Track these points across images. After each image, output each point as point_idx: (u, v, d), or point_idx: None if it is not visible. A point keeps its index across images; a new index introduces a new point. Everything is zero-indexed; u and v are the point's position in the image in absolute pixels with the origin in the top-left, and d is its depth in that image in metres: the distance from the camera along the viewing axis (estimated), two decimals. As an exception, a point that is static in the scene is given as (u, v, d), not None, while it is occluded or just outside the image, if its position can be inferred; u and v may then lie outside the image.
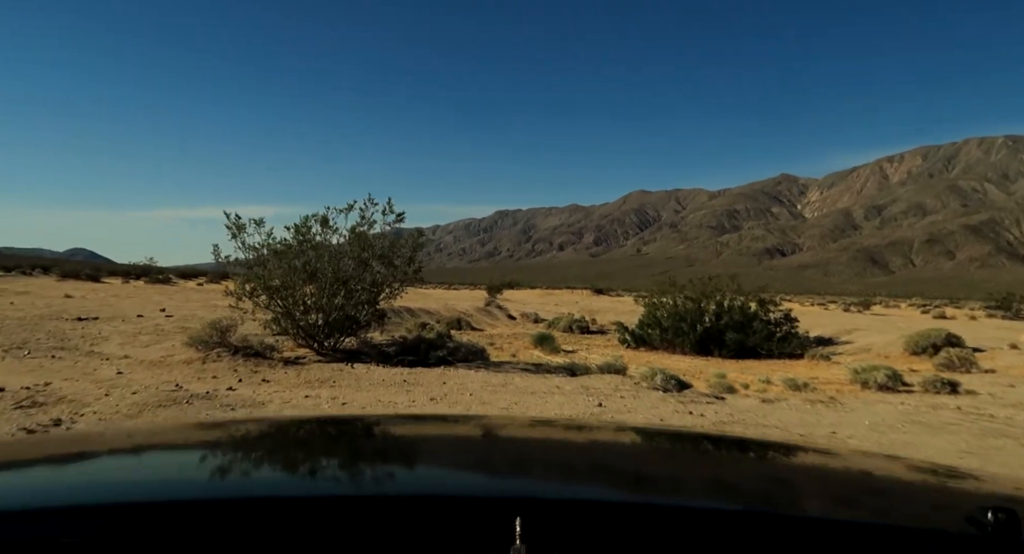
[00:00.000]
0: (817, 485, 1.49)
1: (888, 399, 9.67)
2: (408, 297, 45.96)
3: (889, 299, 79.10)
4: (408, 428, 2.01)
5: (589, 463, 1.61)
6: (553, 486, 1.35)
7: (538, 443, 1.80)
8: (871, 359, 17.01)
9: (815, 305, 46.10)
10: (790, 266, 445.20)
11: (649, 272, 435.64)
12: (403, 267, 9.73)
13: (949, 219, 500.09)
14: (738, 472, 1.61)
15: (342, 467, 1.46)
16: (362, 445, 1.72)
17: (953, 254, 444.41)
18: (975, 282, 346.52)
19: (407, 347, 9.92)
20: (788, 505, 1.30)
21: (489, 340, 20.26)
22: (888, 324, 27.53)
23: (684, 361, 16.64)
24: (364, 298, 9.48)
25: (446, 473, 1.43)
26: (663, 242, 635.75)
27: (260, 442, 1.71)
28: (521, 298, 48.87)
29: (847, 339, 20.26)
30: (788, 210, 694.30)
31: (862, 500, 1.36)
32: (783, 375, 13.73)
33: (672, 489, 1.39)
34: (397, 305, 27.13)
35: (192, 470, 1.36)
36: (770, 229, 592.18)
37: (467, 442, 1.79)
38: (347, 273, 9.12)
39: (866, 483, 1.53)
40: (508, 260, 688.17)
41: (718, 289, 19.37)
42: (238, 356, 7.70)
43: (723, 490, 1.40)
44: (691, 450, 1.86)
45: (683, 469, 1.61)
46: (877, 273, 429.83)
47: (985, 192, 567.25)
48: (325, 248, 9.08)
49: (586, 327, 24.87)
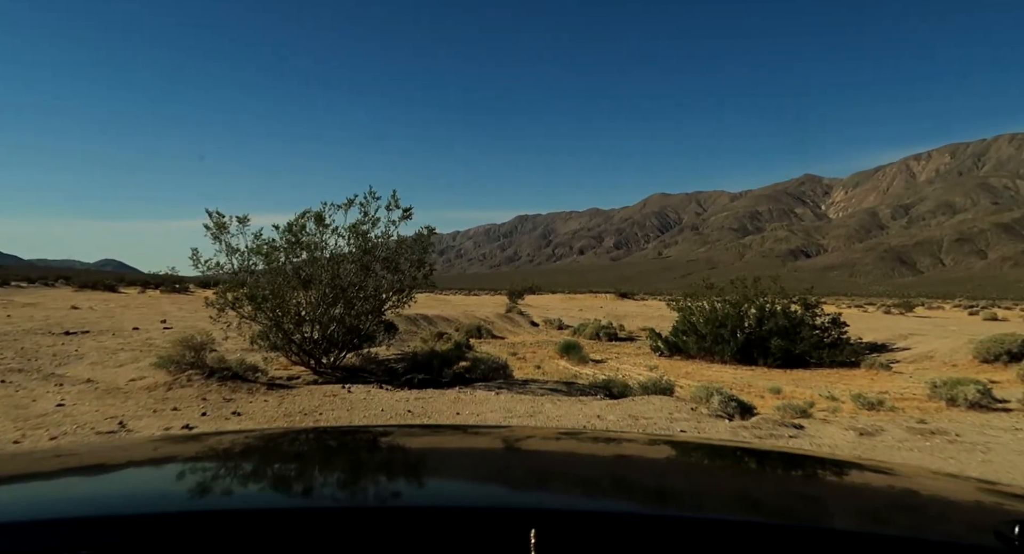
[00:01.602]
0: (845, 499, 1.45)
1: (992, 422, 8.08)
2: (426, 304, 45.01)
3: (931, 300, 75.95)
4: (423, 439, 2.00)
5: (605, 474, 1.58)
6: (568, 497, 1.34)
7: (553, 454, 1.78)
8: (936, 368, 15.28)
9: (851, 307, 43.91)
10: (815, 268, 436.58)
11: (670, 275, 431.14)
12: (411, 271, 8.41)
13: (980, 217, 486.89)
14: (763, 484, 1.57)
15: (358, 478, 1.45)
16: (377, 456, 1.71)
17: (984, 253, 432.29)
18: (1008, 282, 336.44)
19: (418, 363, 8.58)
20: (813, 518, 1.27)
21: (511, 349, 18.91)
22: (940, 327, 25.55)
23: (727, 372, 15.08)
24: (367, 307, 8.19)
25: (461, 484, 1.42)
26: (684, 245, 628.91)
27: (272, 453, 1.70)
28: (543, 303, 47.43)
29: (903, 345, 18.48)
30: (812, 211, 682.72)
31: (889, 514, 1.32)
32: (845, 388, 12.13)
33: (691, 501, 1.36)
34: (413, 312, 25.98)
35: (211, 481, 1.35)
36: (794, 230, 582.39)
37: (482, 453, 1.75)
38: (347, 279, 7.83)
39: (894, 497, 1.48)
40: (528, 265, 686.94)
41: (761, 292, 17.75)
42: (213, 379, 6.43)
43: (747, 503, 1.37)
44: (712, 461, 1.82)
45: (703, 481, 1.57)
46: (905, 273, 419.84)
47: (1017, 189, 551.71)
48: (321, 250, 7.80)
49: (614, 334, 23.41)
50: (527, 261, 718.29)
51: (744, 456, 1.99)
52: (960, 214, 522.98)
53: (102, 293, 39.22)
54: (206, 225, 7.46)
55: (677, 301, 20.05)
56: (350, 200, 7.90)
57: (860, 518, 1.27)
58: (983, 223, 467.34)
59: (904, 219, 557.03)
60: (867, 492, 1.51)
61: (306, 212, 7.69)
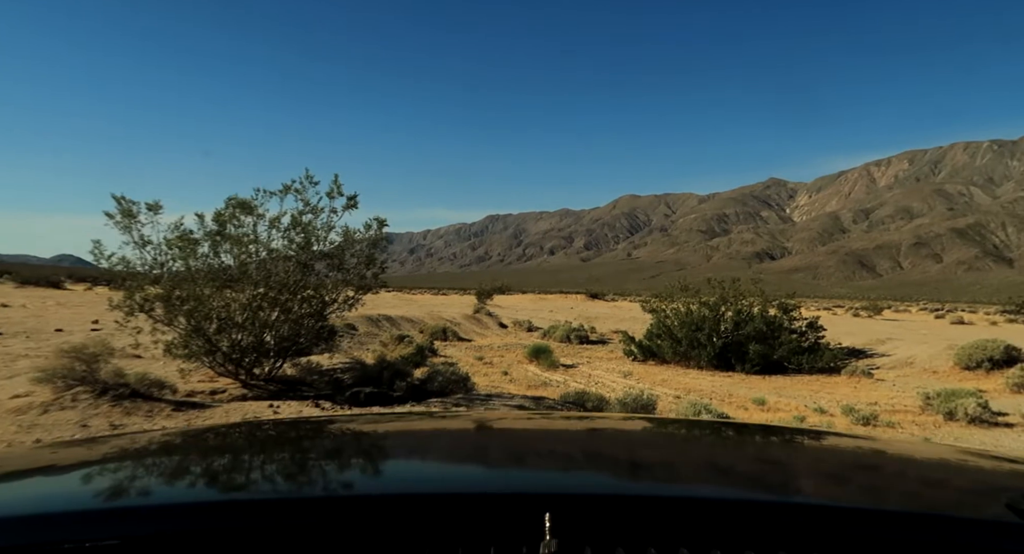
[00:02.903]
0: (853, 473, 1.44)
1: (1002, 440, 7.37)
2: (391, 303, 43.65)
3: (892, 303, 77.35)
4: (437, 424, 2.01)
5: (619, 456, 1.56)
6: (583, 480, 1.34)
7: (567, 437, 1.78)
8: (918, 375, 14.77)
9: (820, 310, 44.05)
10: (780, 270, 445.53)
11: (640, 276, 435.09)
12: (359, 269, 7.33)
13: (936, 222, 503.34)
14: (778, 462, 1.55)
15: (375, 466, 1.45)
16: (392, 443, 1.70)
17: (940, 257, 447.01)
18: (963, 285, 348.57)
19: (367, 374, 7.50)
20: (823, 494, 1.26)
21: (478, 353, 17.90)
22: (913, 331, 25.41)
23: (704, 379, 14.31)
24: (307, 310, 7.09)
25: (476, 469, 1.42)
26: (653, 246, 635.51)
27: (288, 440, 1.72)
28: (513, 304, 46.49)
29: (882, 351, 18.00)
30: (777, 214, 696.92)
31: (899, 487, 1.32)
32: (831, 398, 11.43)
33: (705, 482, 1.36)
34: (376, 313, 24.77)
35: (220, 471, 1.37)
36: (759, 233, 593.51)
37: (496, 437, 1.75)
38: (281, 278, 6.72)
39: (904, 469, 1.48)
40: (499, 264, 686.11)
41: (739, 294, 17.06)
42: (105, 398, 5.26)
43: (758, 480, 1.37)
44: (725, 440, 1.81)
45: (719, 461, 1.55)
46: (866, 276, 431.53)
47: (971, 196, 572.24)
48: (251, 244, 6.65)
49: (585, 336, 22.56)
50: (498, 261, 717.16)
51: (760, 434, 1.96)
52: (917, 219, 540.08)
53: (45, 290, 36.92)
54: (108, 213, 6.26)
55: (649, 302, 19.31)
56: (286, 186, 6.78)
57: (867, 494, 1.25)
58: (939, 228, 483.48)
59: (865, 223, 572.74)
60: (871, 467, 1.49)
61: (231, 199, 6.53)
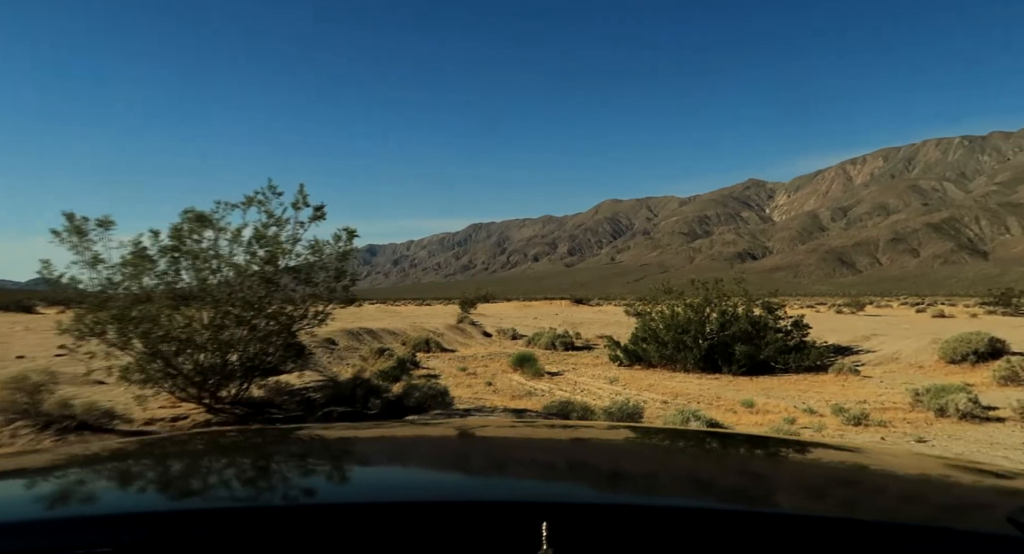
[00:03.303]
0: (853, 485, 1.43)
1: (996, 436, 7.20)
2: (374, 315, 43.01)
3: (874, 298, 78.19)
4: (434, 432, 2.02)
5: (617, 466, 1.55)
6: (580, 490, 1.34)
7: (565, 446, 1.77)
8: (903, 370, 14.71)
9: (803, 308, 44.24)
10: (762, 269, 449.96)
11: (624, 280, 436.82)
12: (328, 283, 6.99)
13: (912, 218, 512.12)
14: (772, 473, 1.54)
15: (371, 474, 1.45)
16: (388, 451, 1.69)
17: (917, 252, 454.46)
18: (940, 279, 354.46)
19: (340, 392, 7.14)
20: (823, 506, 1.25)
21: (461, 363, 17.57)
22: (896, 326, 25.49)
23: (692, 382, 14.10)
24: (274, 327, 6.73)
25: (473, 478, 1.42)
26: (637, 250, 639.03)
27: (288, 449, 1.70)
28: (497, 312, 46.17)
29: (867, 347, 17.95)
30: (757, 214, 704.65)
31: (897, 499, 1.32)
32: (820, 398, 11.27)
33: (704, 492, 1.35)
34: (357, 326, 24.33)
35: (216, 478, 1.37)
36: (740, 233, 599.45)
37: (493, 446, 1.75)
38: (245, 294, 6.35)
39: (902, 482, 1.47)
40: (484, 273, 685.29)
41: (723, 294, 16.92)
42: (49, 431, 4.86)
43: (756, 492, 1.36)
44: (721, 451, 1.79)
45: (718, 472, 1.55)
46: (846, 273, 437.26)
47: (944, 191, 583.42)
48: (212, 259, 6.28)
49: (570, 343, 22.35)
50: (482, 269, 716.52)
51: (753, 445, 1.96)
52: (894, 215, 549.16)
53: (16, 315, 35.87)
54: (55, 231, 5.85)
55: (634, 306, 19.13)
56: (249, 198, 6.43)
57: (865, 506, 1.24)
58: (915, 223, 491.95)
59: (843, 221, 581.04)
60: (867, 479, 1.47)
61: (187, 211, 6.15)
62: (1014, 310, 33.97)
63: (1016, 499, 1.24)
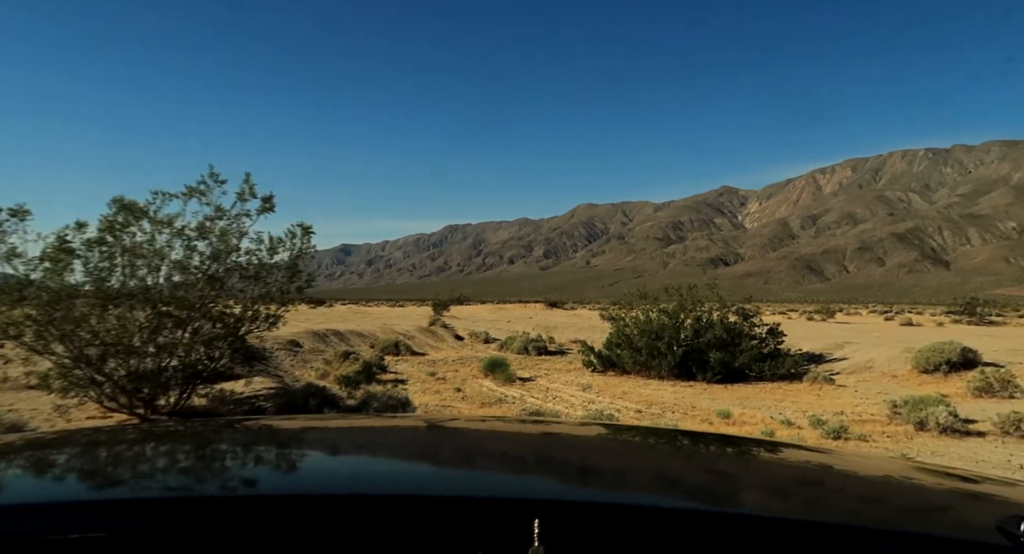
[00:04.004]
0: (840, 490, 1.44)
1: (980, 452, 6.95)
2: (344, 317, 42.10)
3: (842, 305, 79.54)
4: (427, 428, 1.99)
5: (609, 465, 1.57)
6: (572, 488, 1.34)
7: (557, 444, 1.78)
8: (877, 380, 14.60)
9: (774, 314, 44.58)
10: (733, 275, 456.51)
11: (598, 284, 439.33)
12: (280, 283, 6.43)
13: (878, 227, 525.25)
14: (762, 475, 1.55)
15: (362, 467, 1.44)
16: (382, 445, 1.66)
17: (883, 261, 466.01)
18: (905, 287, 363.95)
19: (292, 402, 6.58)
20: (811, 510, 1.25)
21: (431, 368, 17.02)
22: (866, 334, 25.65)
23: (666, 389, 13.78)
24: (219, 330, 6.15)
25: (465, 474, 1.41)
26: (611, 254, 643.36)
27: (281, 440, 1.69)
28: (470, 314, 45.60)
29: (840, 355, 17.88)
30: (730, 220, 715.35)
31: (888, 507, 1.30)
32: (796, 408, 11.01)
33: (691, 491, 1.36)
34: (324, 328, 23.57)
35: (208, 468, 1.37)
36: (713, 239, 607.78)
37: (486, 443, 1.73)
38: (183, 293, 5.76)
39: (891, 490, 1.45)
40: (459, 274, 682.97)
41: (698, 300, 16.67)
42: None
43: (747, 493, 1.37)
44: (719, 452, 1.80)
45: (709, 472, 1.56)
46: (814, 280, 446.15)
47: (909, 201, 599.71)
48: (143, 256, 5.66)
49: (543, 347, 21.93)
50: (457, 271, 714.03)
51: (746, 446, 1.95)
52: (861, 224, 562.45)
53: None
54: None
55: (608, 310, 18.81)
56: (190, 188, 5.84)
57: (856, 509, 1.25)
58: (881, 233, 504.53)
59: (812, 229, 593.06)
60: (858, 486, 1.47)
61: (116, 201, 5.50)
62: (979, 319, 34.64)
63: (1005, 508, 1.21)
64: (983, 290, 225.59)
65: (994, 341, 20.58)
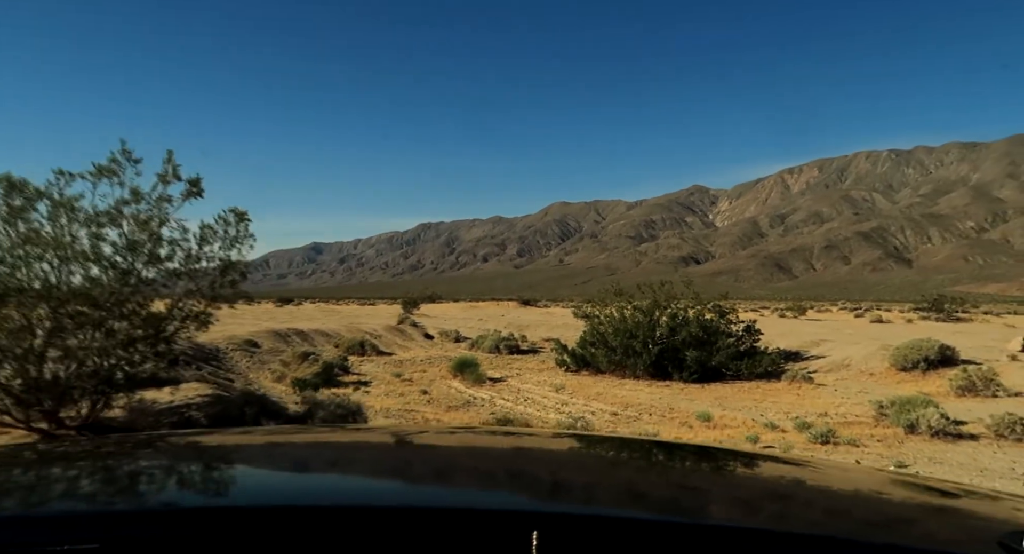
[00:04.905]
0: (840, 505, 1.42)
1: (980, 458, 6.48)
2: (310, 315, 40.81)
3: (811, 302, 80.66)
4: (426, 439, 1.98)
5: (608, 477, 1.56)
6: (571, 501, 1.32)
7: (556, 456, 1.77)
8: (855, 377, 14.29)
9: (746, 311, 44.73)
10: (704, 273, 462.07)
11: (572, 282, 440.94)
12: (212, 277, 5.64)
13: (844, 226, 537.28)
14: (759, 489, 1.54)
15: (359, 479, 1.44)
16: (381, 457, 1.65)
17: (848, 259, 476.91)
18: (869, 285, 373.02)
19: (227, 413, 5.78)
20: (811, 524, 1.24)
21: (397, 368, 16.24)
22: (839, 331, 25.60)
23: (642, 390, 13.24)
24: (138, 332, 5.34)
25: (465, 485, 1.41)
26: (584, 252, 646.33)
27: (283, 451, 1.68)
28: (442, 313, 44.76)
29: (817, 353, 17.58)
30: (701, 219, 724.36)
31: (887, 523, 1.27)
32: (777, 409, 10.54)
33: (690, 505, 1.36)
34: (286, 327, 22.55)
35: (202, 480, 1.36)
36: (685, 238, 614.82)
37: (484, 454, 1.73)
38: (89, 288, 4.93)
39: (889, 504, 1.43)
40: (432, 273, 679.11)
41: (672, 297, 16.20)
42: None
43: (746, 507, 1.35)
44: (718, 468, 1.77)
45: (710, 486, 1.54)
46: (783, 278, 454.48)
47: (873, 201, 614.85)
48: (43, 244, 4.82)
49: (516, 346, 21.29)
50: (431, 269, 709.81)
51: (737, 459, 1.97)
52: (828, 223, 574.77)
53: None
54: None
55: (582, 308, 18.28)
56: (99, 167, 5.00)
57: (856, 525, 1.23)
58: (847, 231, 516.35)
59: (781, 228, 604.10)
60: (857, 501, 1.45)
61: (6, 179, 4.63)
62: (946, 316, 35.07)
63: (1006, 524, 1.22)
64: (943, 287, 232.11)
65: (965, 337, 20.57)
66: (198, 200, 5.37)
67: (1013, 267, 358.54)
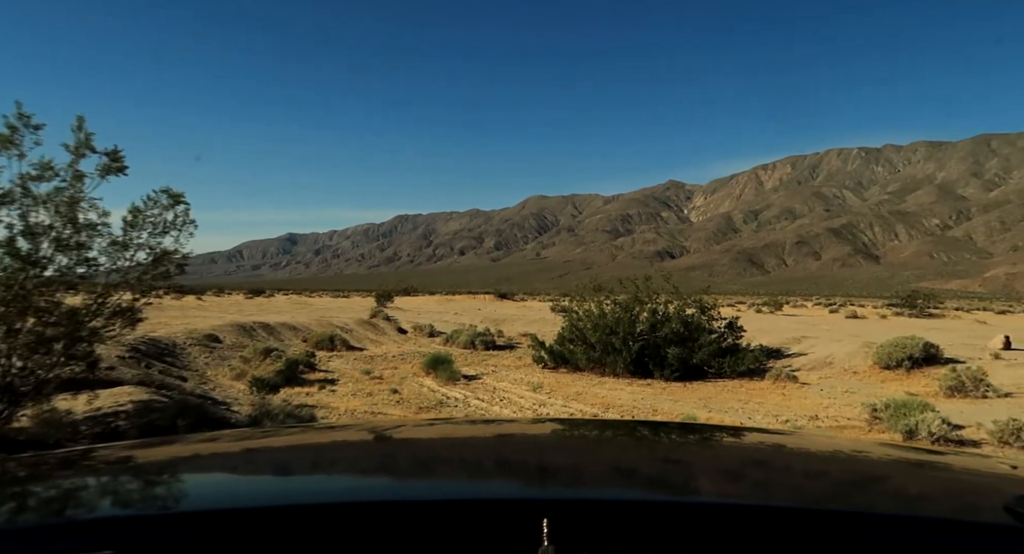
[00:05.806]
0: (847, 477, 1.42)
1: (989, 470, 5.98)
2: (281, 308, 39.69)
3: (784, 297, 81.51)
4: (434, 431, 1.97)
5: (617, 462, 1.55)
6: (581, 486, 1.33)
7: (565, 443, 1.76)
8: (839, 376, 13.96)
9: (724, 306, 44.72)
10: (679, 268, 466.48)
11: (548, 275, 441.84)
12: (143, 267, 4.88)
13: (815, 223, 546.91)
14: (769, 466, 1.53)
15: (371, 473, 1.44)
16: (389, 451, 1.65)
17: (819, 255, 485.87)
18: (839, 280, 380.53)
19: (156, 423, 5.03)
20: (819, 499, 1.24)
21: (368, 364, 15.48)
22: (816, 327, 25.47)
23: (623, 389, 12.70)
24: (52, 331, 4.56)
25: (474, 475, 1.41)
26: (561, 246, 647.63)
27: (287, 450, 1.67)
28: (417, 306, 43.89)
29: (798, 350, 17.27)
30: (676, 214, 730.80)
31: (891, 492, 1.30)
32: (764, 410, 10.06)
33: (701, 486, 1.35)
34: (251, 321, 21.56)
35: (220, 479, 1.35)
36: (660, 232, 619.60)
37: (493, 444, 1.73)
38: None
39: (892, 474, 1.45)
40: (409, 265, 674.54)
41: (652, 292, 15.70)
42: None
43: (756, 485, 1.35)
44: (722, 445, 1.75)
45: (714, 466, 1.53)
46: (756, 273, 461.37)
47: (844, 198, 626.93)
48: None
49: (491, 341, 20.63)
50: (407, 261, 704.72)
51: (744, 436, 1.89)
52: (799, 219, 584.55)
53: None
54: None
55: (559, 302, 17.74)
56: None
57: (863, 494, 1.23)
58: (817, 228, 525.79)
59: (754, 223, 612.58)
60: (860, 470, 1.46)
61: None
62: (919, 312, 35.40)
63: (1013, 489, 1.21)
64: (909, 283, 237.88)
65: (941, 334, 20.50)
66: (122, 177, 4.58)
67: (975, 264, 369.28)
